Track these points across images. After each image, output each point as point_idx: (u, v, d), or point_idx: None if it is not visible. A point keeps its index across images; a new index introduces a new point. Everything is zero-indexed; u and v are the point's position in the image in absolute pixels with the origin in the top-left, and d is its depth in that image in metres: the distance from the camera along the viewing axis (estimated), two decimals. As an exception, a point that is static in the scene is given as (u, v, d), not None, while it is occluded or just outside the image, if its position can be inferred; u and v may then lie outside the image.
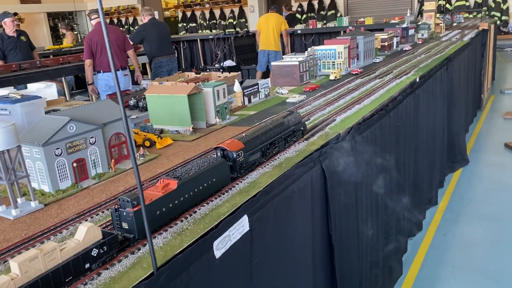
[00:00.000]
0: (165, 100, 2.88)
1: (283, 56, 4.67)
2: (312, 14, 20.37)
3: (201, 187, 1.84)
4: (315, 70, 4.75)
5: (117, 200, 1.59)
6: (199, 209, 1.82)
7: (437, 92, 5.15)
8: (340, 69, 4.92)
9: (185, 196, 1.76)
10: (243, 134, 2.22)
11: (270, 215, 1.95)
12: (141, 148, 2.41)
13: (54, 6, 22.70)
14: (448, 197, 5.70)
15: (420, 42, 7.60)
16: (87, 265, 1.42)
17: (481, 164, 6.69)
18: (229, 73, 6.26)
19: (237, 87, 3.62)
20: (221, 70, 9.96)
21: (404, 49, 6.68)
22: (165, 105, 2.90)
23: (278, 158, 2.31)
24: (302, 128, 2.63)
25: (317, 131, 2.74)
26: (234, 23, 22.05)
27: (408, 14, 14.27)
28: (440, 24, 9.23)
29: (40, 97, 4.49)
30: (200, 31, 22.42)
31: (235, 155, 2.04)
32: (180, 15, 23.84)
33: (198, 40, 17.80)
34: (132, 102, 4.14)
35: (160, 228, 1.68)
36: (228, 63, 14.10)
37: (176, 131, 2.91)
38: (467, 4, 16.99)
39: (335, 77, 4.56)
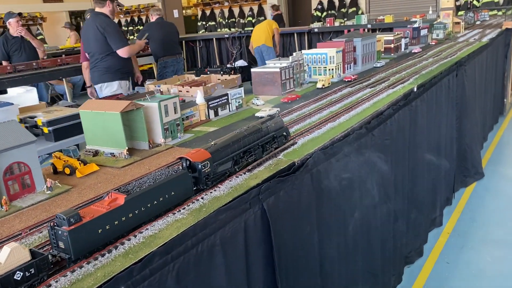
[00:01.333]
0: (99, 118, 2.49)
1: (267, 61, 4.22)
2: (333, 12, 19.71)
3: (155, 202, 1.73)
4: (302, 77, 4.28)
5: (54, 217, 1.48)
6: (153, 226, 1.69)
7: (443, 102, 4.60)
8: (332, 76, 4.44)
9: (135, 212, 1.64)
10: (212, 143, 2.11)
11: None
12: (48, 179, 2.02)
13: (75, 5, 22.83)
14: (457, 216, 5.13)
15: (433, 43, 7.00)
16: None
17: (498, 179, 6.07)
18: (229, 75, 5.86)
19: (199, 99, 3.20)
20: (221, 73, 9.55)
21: (412, 51, 6.12)
22: (98, 124, 2.51)
23: (204, 197, 1.88)
24: (284, 133, 2.52)
25: (268, 158, 2.29)
26: (253, 21, 21.59)
27: (430, 12, 13.60)
28: (460, 23, 8.56)
29: (12, 104, 4.21)
30: (219, 30, 22.10)
31: (200, 166, 1.95)
32: (199, 13, 23.56)
33: (214, 39, 17.50)
34: None
35: (104, 248, 1.56)
36: (240, 63, 13.70)
37: (111, 153, 2.52)
38: (496, 0, 16.00)
39: (323, 85, 4.08)
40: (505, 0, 16.03)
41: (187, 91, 4.66)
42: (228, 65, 13.50)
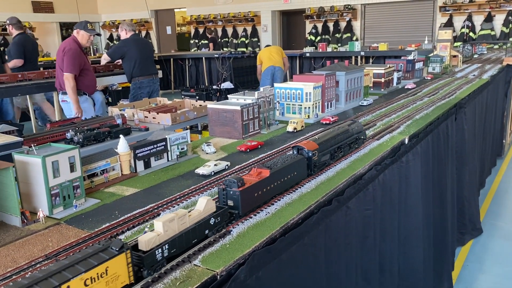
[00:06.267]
0: None
1: (229, 96, 3.48)
2: (327, 37, 19.22)
3: (285, 178, 2.09)
4: (271, 116, 3.54)
5: (224, 180, 1.85)
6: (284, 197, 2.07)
7: (442, 151, 3.87)
8: (307, 116, 3.70)
9: (275, 183, 2.01)
10: (316, 137, 2.50)
11: None
12: None
13: (67, 16, 22.24)
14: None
15: (429, 78, 6.32)
16: (206, 231, 1.65)
17: (497, 235, 5.31)
18: (204, 101, 5.14)
19: (122, 146, 2.42)
20: (196, 98, 8.83)
21: (406, 87, 5.41)
22: None
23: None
24: (362, 137, 2.87)
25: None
26: (246, 41, 21.10)
27: (426, 42, 13.05)
28: (458, 56, 7.92)
29: None
30: (211, 49, 21.53)
31: (310, 154, 2.30)
32: (192, 31, 23.01)
33: (204, 58, 16.89)
34: (69, 134, 3.16)
35: (256, 209, 1.92)
36: (227, 85, 13.04)
37: (-39, 233, 1.73)
38: (493, 33, 15.53)
39: (295, 129, 3.33)
40: (501, 33, 15.58)
41: (153, 118, 3.99)
42: (214, 87, 12.82)
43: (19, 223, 1.82)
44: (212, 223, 1.67)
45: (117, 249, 1.29)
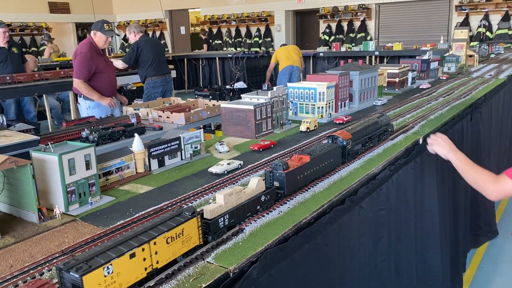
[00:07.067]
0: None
1: (242, 95, 3.49)
2: (341, 36, 19.10)
3: (323, 164, 2.30)
4: (284, 116, 3.54)
5: (271, 164, 2.09)
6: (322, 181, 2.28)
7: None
8: (320, 115, 3.69)
9: (314, 168, 2.22)
10: (349, 127, 2.64)
11: None
12: None
13: (82, 16, 22.52)
14: (466, 286, 4.30)
15: (444, 77, 6.24)
16: (258, 207, 1.88)
17: (513, 238, 5.23)
18: (218, 101, 5.17)
19: (137, 145, 2.45)
20: (209, 97, 8.86)
21: (420, 87, 5.36)
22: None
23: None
24: (390, 129, 3.05)
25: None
26: (260, 41, 21.10)
27: (441, 41, 12.89)
28: (474, 56, 7.82)
29: None
30: (224, 49, 21.58)
31: (345, 143, 2.49)
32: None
33: (217, 58, 16.94)
34: (84, 133, 3.20)
35: (298, 191, 2.14)
36: (240, 84, 13.05)
37: (-20, 228, 1.77)
38: (510, 33, 15.27)
39: (308, 128, 3.33)
40: (520, 33, 15.32)
41: (167, 117, 4.03)
42: (228, 86, 12.84)
43: (36, 220, 1.86)
44: (262, 200, 1.89)
45: (189, 214, 1.52)
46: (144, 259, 1.35)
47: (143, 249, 1.35)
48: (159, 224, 1.45)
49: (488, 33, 15.51)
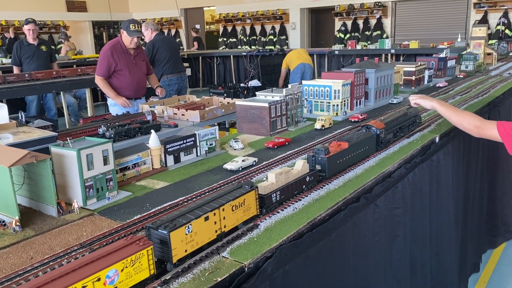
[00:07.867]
0: (-14, 171, 1.79)
1: (257, 93, 3.50)
2: (356, 34, 18.95)
3: (360, 150, 2.48)
4: (299, 114, 3.54)
5: (313, 149, 2.26)
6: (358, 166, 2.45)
7: (471, 151, 3.79)
8: (335, 113, 3.68)
9: (352, 154, 2.40)
10: (382, 118, 2.87)
11: None
12: None
13: (99, 15, 22.74)
14: (483, 287, 4.25)
15: (461, 76, 6.16)
16: (304, 186, 2.08)
17: (532, 238, 5.14)
18: (232, 99, 5.19)
19: (153, 141, 2.48)
20: (224, 95, 8.88)
21: (437, 85, 5.31)
22: (-14, 179, 1.81)
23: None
24: (418, 121, 3.20)
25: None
26: (274, 40, 21.05)
27: (459, 39, 12.70)
28: (492, 54, 7.70)
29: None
30: (239, 47, 21.59)
31: (378, 132, 2.66)
32: (221, 29, 23.15)
33: (232, 56, 16.96)
34: (101, 130, 3.26)
35: (337, 174, 2.32)
36: (254, 83, 13.04)
37: (2, 221, 1.81)
38: (530, 30, 14.99)
39: (323, 126, 3.32)
40: (540, 30, 15.00)
41: (182, 114, 4.06)
42: (242, 85, 12.85)
43: (55, 213, 1.90)
44: (307, 180, 2.08)
45: (249, 187, 1.76)
46: (215, 223, 1.59)
47: (214, 214, 1.58)
48: (225, 194, 1.69)
49: (507, 31, 15.23)
